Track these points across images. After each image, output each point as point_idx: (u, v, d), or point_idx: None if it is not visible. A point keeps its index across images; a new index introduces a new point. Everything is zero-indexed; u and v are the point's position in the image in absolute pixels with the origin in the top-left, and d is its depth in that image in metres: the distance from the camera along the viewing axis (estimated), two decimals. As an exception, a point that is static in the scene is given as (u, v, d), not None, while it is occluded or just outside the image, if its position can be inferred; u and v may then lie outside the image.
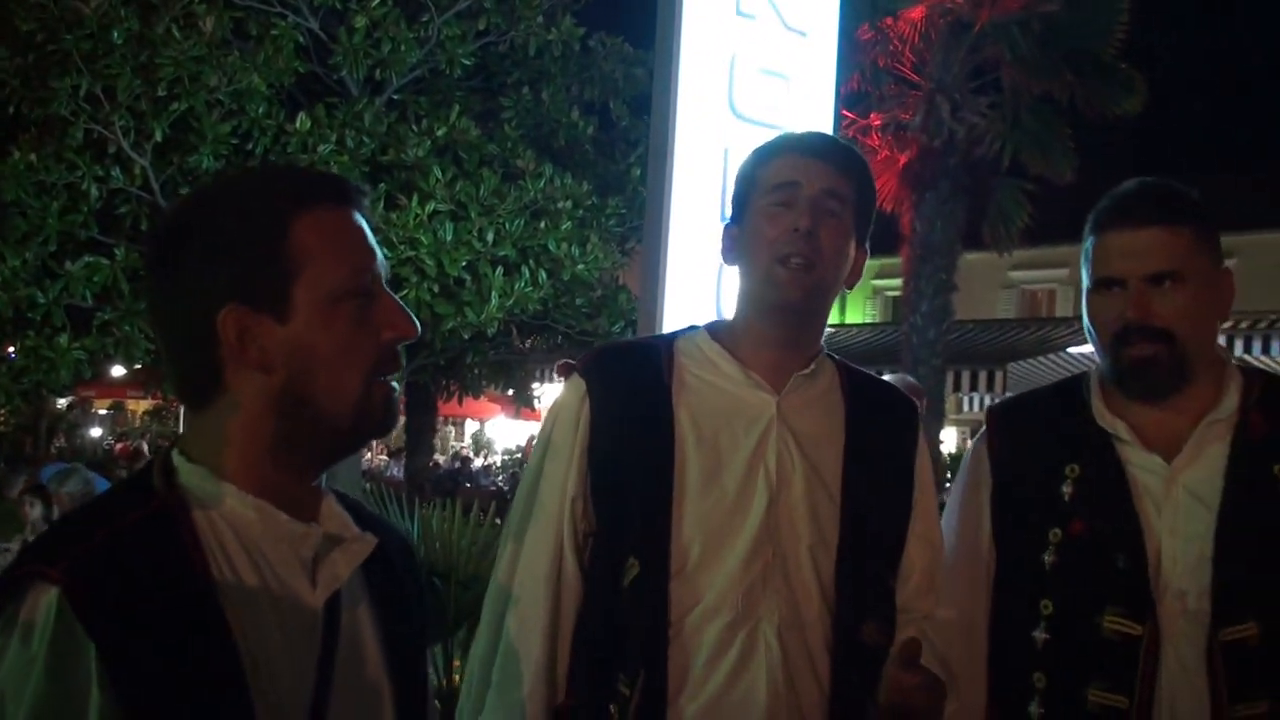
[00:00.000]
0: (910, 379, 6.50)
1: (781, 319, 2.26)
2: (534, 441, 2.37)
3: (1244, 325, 16.04)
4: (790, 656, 2.15)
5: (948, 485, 4.23)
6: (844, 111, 13.92)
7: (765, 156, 2.29)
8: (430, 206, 9.95)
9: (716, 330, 2.35)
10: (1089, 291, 2.28)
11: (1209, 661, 2.10)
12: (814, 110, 5.77)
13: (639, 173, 11.11)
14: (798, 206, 2.20)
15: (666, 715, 2.11)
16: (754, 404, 2.25)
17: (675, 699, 2.12)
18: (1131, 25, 14.02)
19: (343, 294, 1.51)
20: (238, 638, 1.41)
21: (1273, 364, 15.27)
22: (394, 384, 1.58)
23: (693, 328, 2.40)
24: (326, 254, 1.51)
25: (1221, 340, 2.40)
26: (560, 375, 2.37)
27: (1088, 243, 2.28)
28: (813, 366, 2.30)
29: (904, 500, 2.33)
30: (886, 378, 6.31)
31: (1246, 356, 15.60)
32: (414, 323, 1.58)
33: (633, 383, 2.28)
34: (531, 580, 2.23)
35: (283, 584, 1.50)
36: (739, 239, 2.30)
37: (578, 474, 2.23)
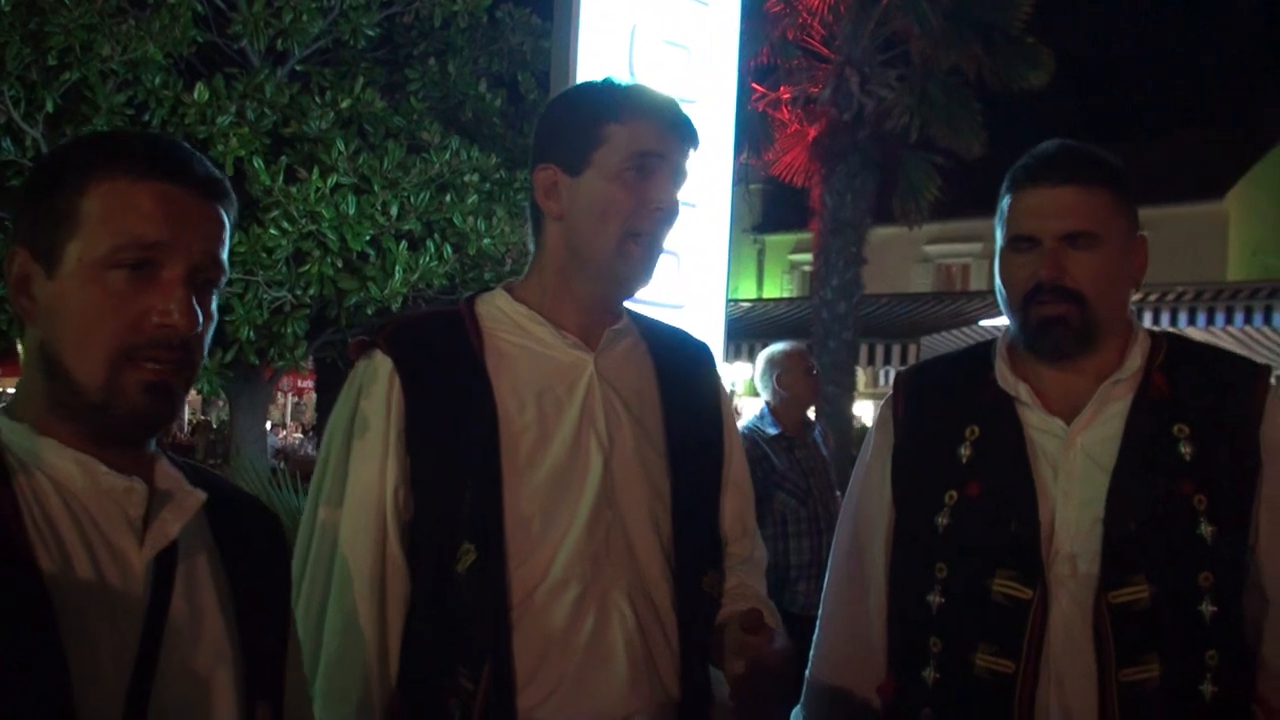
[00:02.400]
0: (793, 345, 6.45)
1: (617, 287, 2.18)
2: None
3: (1153, 298, 16.24)
4: (643, 620, 2.09)
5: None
6: (753, 85, 13.93)
7: (621, 112, 2.13)
8: (333, 180, 9.78)
9: (515, 289, 2.23)
10: (1003, 250, 2.23)
11: (1096, 625, 2.07)
12: (717, 81, 5.73)
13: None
14: (660, 180, 2.12)
15: (516, 704, 2.01)
16: (572, 364, 2.16)
17: (526, 685, 2.02)
18: (1039, -1, 14.12)
19: (110, 263, 1.47)
20: (53, 596, 1.39)
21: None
22: (164, 374, 1.51)
23: (485, 289, 2.28)
24: (106, 221, 1.48)
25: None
26: (355, 354, 2.19)
27: (1004, 201, 2.24)
28: (624, 320, 2.24)
29: (717, 446, 2.30)
30: (780, 347, 6.35)
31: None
32: (186, 317, 1.50)
33: (442, 356, 2.14)
34: (358, 581, 2.07)
35: (107, 542, 1.48)
36: (571, 192, 2.15)
37: (397, 461, 2.08)
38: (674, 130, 2.14)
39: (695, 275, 5.51)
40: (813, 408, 6.37)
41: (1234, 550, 2.13)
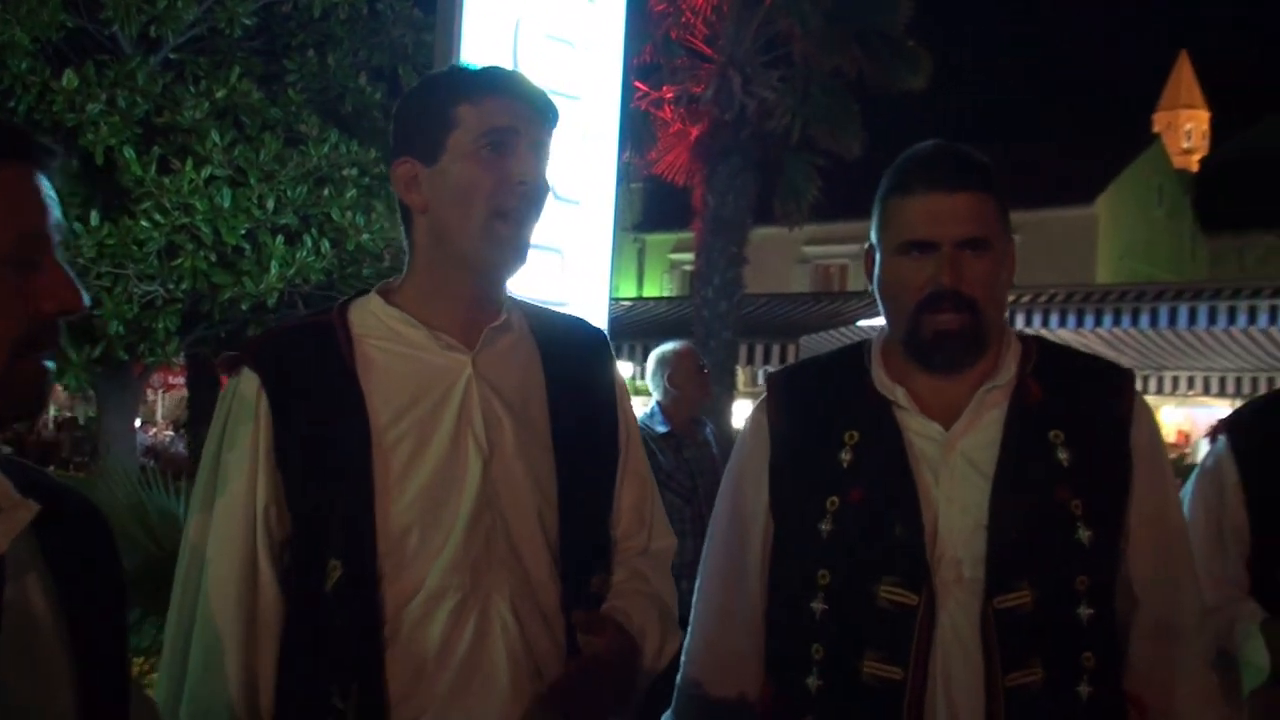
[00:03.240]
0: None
1: (488, 273, 2.12)
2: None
3: (1025, 299, 16.56)
4: (526, 625, 2.03)
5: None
6: (636, 83, 13.91)
7: (470, 92, 2.08)
8: (207, 171, 9.58)
9: (391, 291, 2.16)
10: (891, 255, 2.20)
11: (983, 630, 2.07)
12: (602, 77, 5.70)
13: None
14: (518, 155, 2.06)
15: None
16: (448, 368, 2.09)
17: (400, 703, 1.96)
18: (919, 3, 14.31)
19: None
20: None
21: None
22: (47, 363, 1.45)
23: (362, 294, 2.21)
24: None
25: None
26: (224, 371, 2.11)
27: (888, 204, 2.21)
28: (504, 316, 2.17)
29: (612, 438, 2.25)
30: (671, 346, 6.35)
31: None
32: (80, 295, 1.45)
33: (312, 369, 2.07)
34: (223, 602, 1.99)
35: None
36: (431, 181, 2.09)
37: (267, 479, 2.01)
38: (527, 104, 2.09)
39: (578, 273, 5.48)
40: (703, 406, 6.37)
41: (1108, 554, 2.15)
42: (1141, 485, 2.18)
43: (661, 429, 6.01)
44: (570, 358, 2.24)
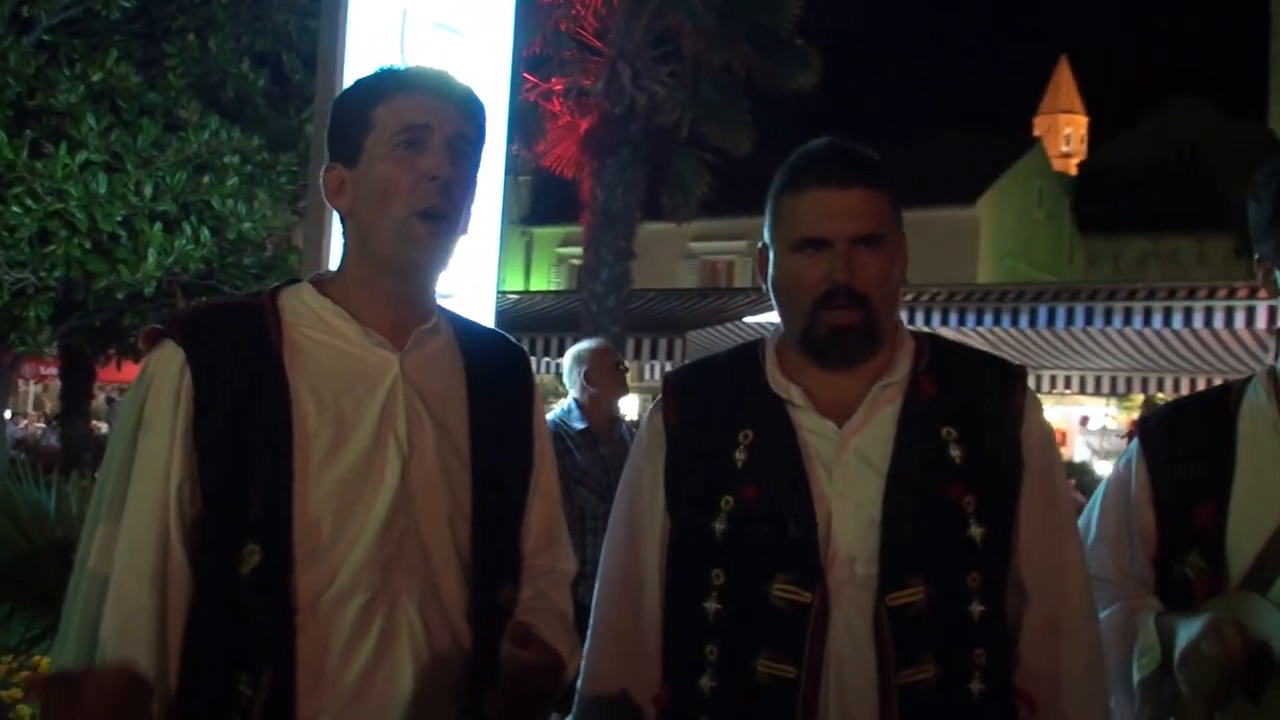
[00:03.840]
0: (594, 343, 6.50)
1: (410, 275, 2.11)
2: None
3: (908, 298, 16.78)
4: (432, 630, 2.03)
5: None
6: (525, 74, 13.84)
7: (384, 92, 2.08)
8: (82, 156, 9.30)
9: (323, 283, 2.15)
10: (785, 253, 2.20)
11: (876, 627, 2.07)
12: (491, 67, 5.63)
13: (313, 129, 10.68)
14: (432, 151, 2.05)
15: (296, 712, 1.92)
16: (376, 365, 2.08)
17: (309, 693, 1.93)
18: (807, 2, 14.42)
19: None
20: None
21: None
22: None
23: (292, 282, 2.20)
24: None
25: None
26: (146, 345, 2.08)
27: (781, 201, 2.21)
28: (434, 320, 2.17)
29: (526, 456, 2.26)
30: (587, 344, 6.35)
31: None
32: None
33: (238, 349, 2.04)
34: (134, 580, 1.94)
35: None
36: (354, 184, 2.10)
37: (183, 455, 1.98)
38: (440, 98, 2.08)
39: (465, 264, 5.42)
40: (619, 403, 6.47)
41: (1000, 550, 2.16)
42: (1032, 482, 2.21)
43: (579, 426, 6.08)
44: (492, 372, 2.24)
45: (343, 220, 2.16)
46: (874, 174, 2.19)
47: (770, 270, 2.24)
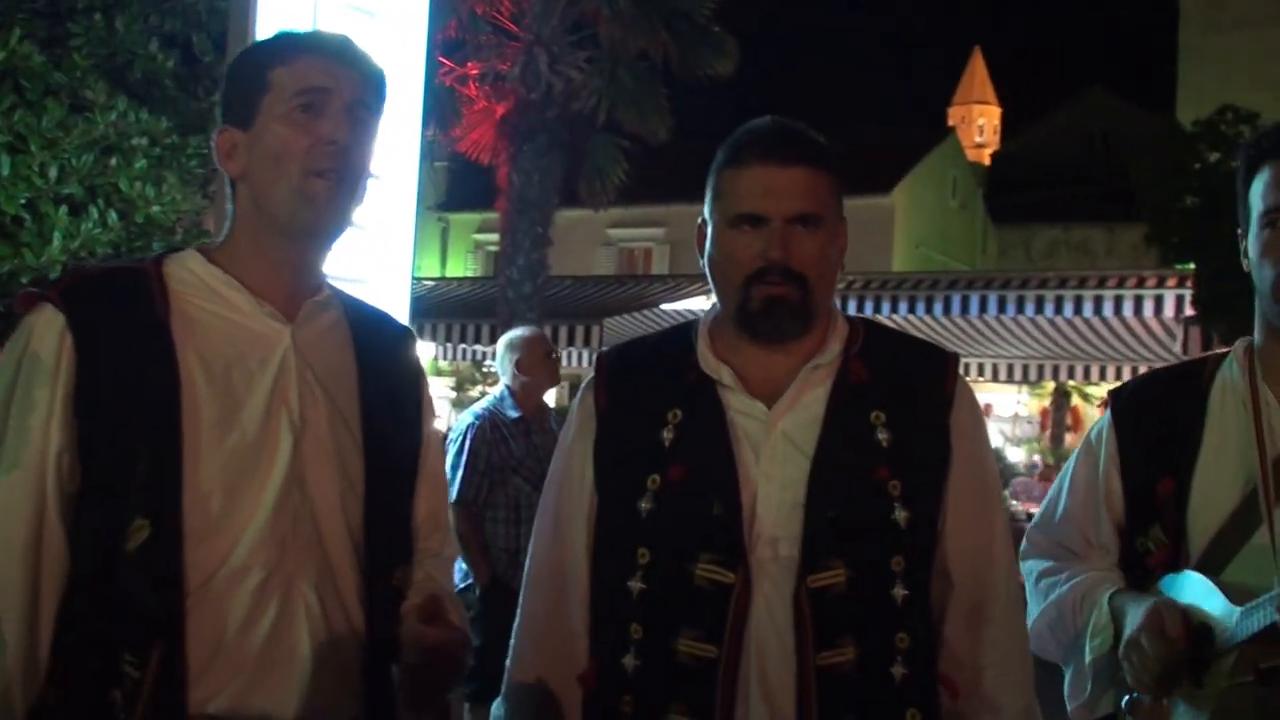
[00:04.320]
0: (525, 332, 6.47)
1: (304, 238, 2.07)
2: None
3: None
4: (329, 612, 1.99)
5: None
6: (440, 58, 13.71)
7: (283, 54, 2.05)
8: (-16, 137, 9.06)
9: (211, 252, 2.09)
10: (722, 228, 2.18)
11: (796, 609, 2.07)
12: (405, 51, 5.58)
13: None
14: (330, 115, 2.01)
15: (188, 695, 1.86)
16: (267, 336, 2.04)
17: (202, 675, 1.88)
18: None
19: None
20: None
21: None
22: None
23: (175, 249, 2.14)
24: None
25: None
26: (22, 308, 1.99)
27: (721, 177, 2.20)
28: (325, 293, 2.14)
29: (415, 436, 2.23)
30: (521, 332, 6.31)
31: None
32: None
33: (122, 316, 1.97)
34: (4, 550, 1.88)
35: None
36: (248, 147, 2.05)
37: (62, 425, 1.91)
38: (341, 61, 2.04)
39: (379, 249, 5.38)
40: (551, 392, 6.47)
41: (925, 535, 2.17)
42: (960, 468, 2.21)
43: (513, 414, 6.06)
44: (381, 350, 2.21)
45: (232, 185, 2.10)
46: (817, 154, 2.18)
47: (708, 246, 2.23)
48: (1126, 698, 2.34)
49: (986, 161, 50.49)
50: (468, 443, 5.91)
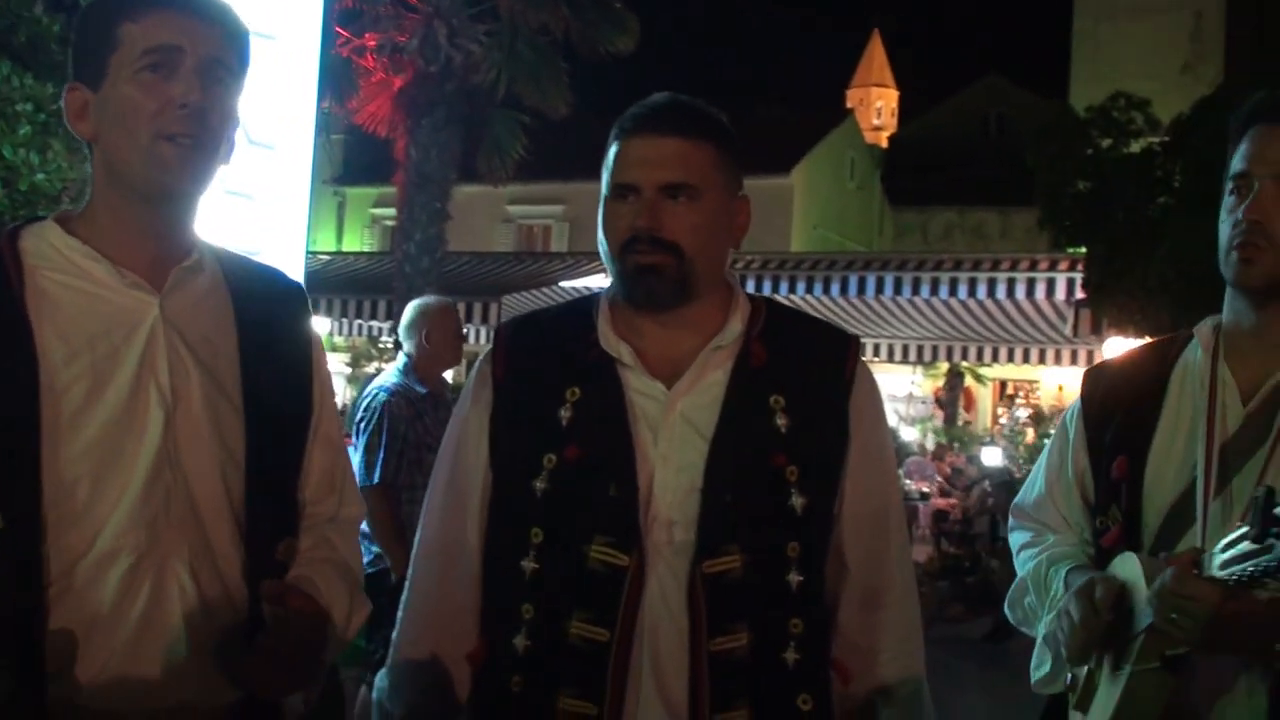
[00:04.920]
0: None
1: (161, 202, 1.97)
2: None
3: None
4: (205, 591, 1.91)
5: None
6: (337, 28, 13.52)
7: (131, 8, 1.92)
8: None
9: (70, 221, 1.98)
10: (606, 200, 2.17)
11: (690, 593, 2.05)
12: (301, 20, 5.48)
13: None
14: (182, 76, 1.90)
15: (48, 693, 1.79)
16: (133, 308, 1.93)
17: (68, 669, 1.81)
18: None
19: None
20: None
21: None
22: None
23: (35, 219, 2.03)
24: None
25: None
26: None
27: (609, 149, 2.18)
28: (195, 257, 2.02)
29: (304, 399, 2.14)
30: (435, 301, 6.14)
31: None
32: None
33: None
34: None
35: None
36: (98, 107, 1.94)
37: None
38: (194, 17, 1.93)
39: (272, 222, 5.28)
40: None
41: (821, 521, 2.16)
42: (858, 454, 2.20)
43: (421, 390, 5.81)
44: (265, 310, 2.10)
45: (89, 148, 1.98)
46: (698, 126, 2.15)
47: (600, 217, 2.20)
48: (1070, 675, 2.34)
49: (884, 144, 51.02)
50: (386, 421, 5.61)
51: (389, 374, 5.98)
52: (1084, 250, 15.07)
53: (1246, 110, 2.31)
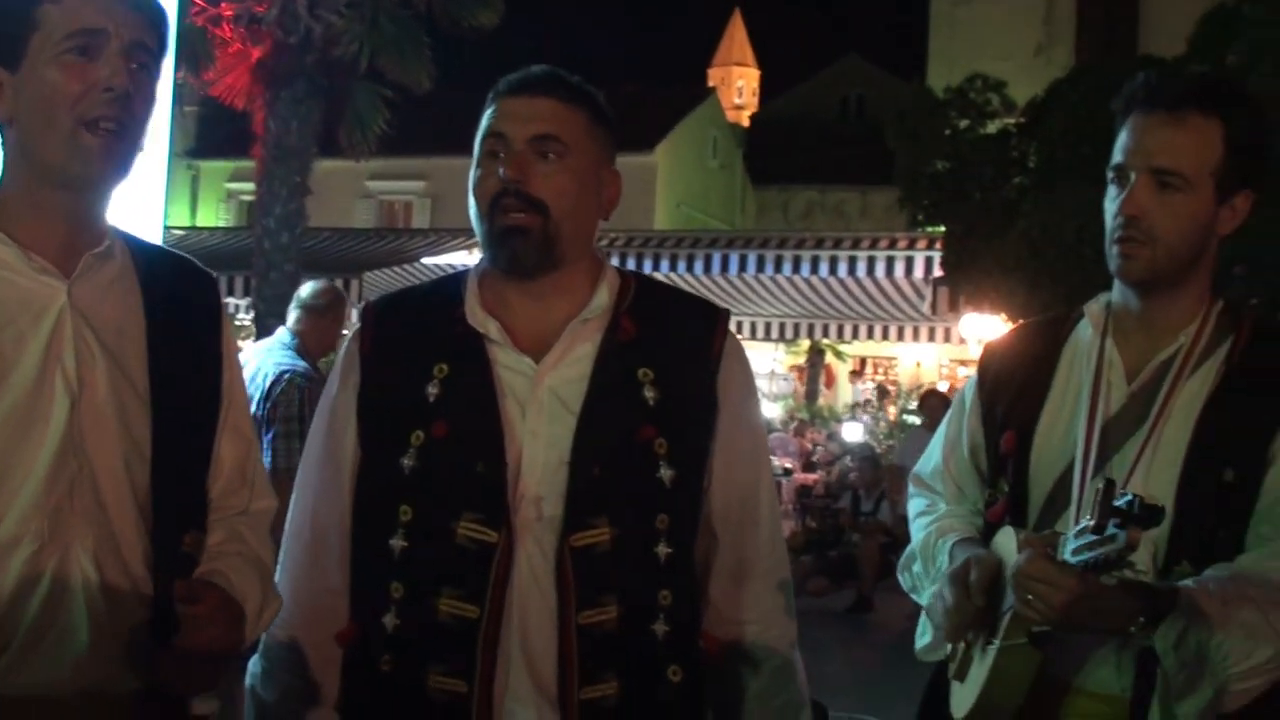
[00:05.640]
0: None
1: (80, 189, 1.94)
2: None
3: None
4: (109, 582, 1.89)
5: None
6: (193, -3, 13.19)
7: None
8: None
9: None
10: (476, 160, 2.16)
11: (558, 568, 2.06)
12: (154, -15, 5.31)
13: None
14: (107, 59, 1.88)
15: None
16: (40, 294, 1.90)
17: None
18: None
19: None
20: None
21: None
22: None
23: None
24: None
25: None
26: None
27: (485, 114, 2.17)
28: (106, 243, 1.99)
29: (214, 390, 2.12)
30: (336, 290, 6.03)
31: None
32: None
33: None
34: None
35: None
36: (15, 90, 1.91)
37: None
38: (118, 1, 1.91)
39: (127, 196, 5.12)
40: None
41: (690, 493, 2.17)
42: (726, 425, 2.21)
43: (315, 372, 5.76)
44: (174, 300, 2.08)
45: (1, 131, 1.95)
46: (571, 91, 2.16)
47: (470, 178, 2.19)
48: (950, 646, 2.38)
49: (746, 123, 51.36)
50: (305, 410, 5.53)
51: (284, 355, 5.89)
52: (942, 229, 15.33)
53: (1125, 96, 2.34)
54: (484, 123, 2.16)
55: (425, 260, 17.38)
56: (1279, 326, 2.84)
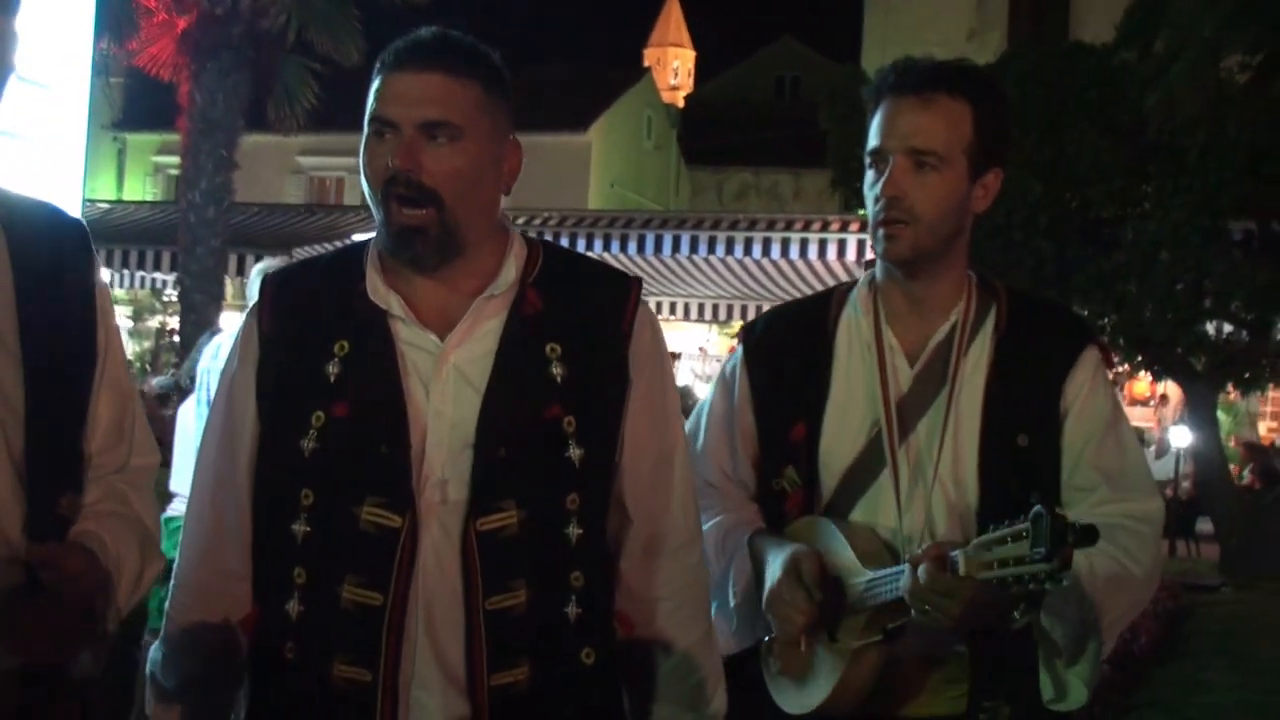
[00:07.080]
0: None
1: None
2: None
3: (520, 221, 16.88)
4: None
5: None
6: (118, -35, 12.98)
7: None
8: None
9: None
10: (365, 137, 2.06)
11: (464, 553, 2.00)
12: (75, -50, 5.21)
13: None
14: None
15: None
16: None
17: None
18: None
19: None
20: None
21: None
22: None
23: None
24: None
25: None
26: None
27: (372, 85, 2.07)
28: None
29: (88, 345, 2.04)
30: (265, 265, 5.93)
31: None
32: None
33: None
34: None
35: None
36: None
37: None
38: None
39: (47, 166, 5.03)
40: None
41: (601, 472, 2.12)
42: (638, 401, 2.15)
43: None
44: (44, 251, 1.99)
45: None
46: (465, 63, 2.04)
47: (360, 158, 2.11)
48: (768, 636, 2.40)
49: (681, 104, 51.36)
50: None
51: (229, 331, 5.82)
52: (874, 212, 15.40)
53: (875, 83, 2.44)
54: (371, 100, 2.05)
55: (356, 237, 17.09)
56: (1026, 291, 2.99)
